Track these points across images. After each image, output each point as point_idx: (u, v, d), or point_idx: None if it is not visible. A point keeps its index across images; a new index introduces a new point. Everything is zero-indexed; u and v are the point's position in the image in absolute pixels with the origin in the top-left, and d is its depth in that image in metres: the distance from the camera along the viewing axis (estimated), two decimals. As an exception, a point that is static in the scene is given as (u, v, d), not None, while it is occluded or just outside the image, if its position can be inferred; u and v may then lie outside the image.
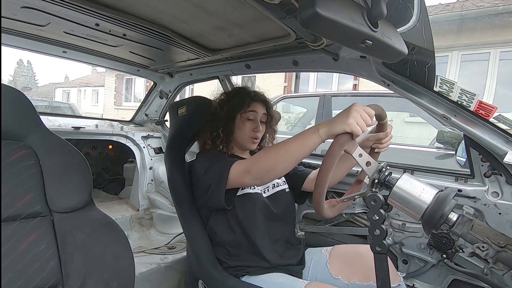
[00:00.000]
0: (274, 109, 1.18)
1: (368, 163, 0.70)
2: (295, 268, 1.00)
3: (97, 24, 1.17)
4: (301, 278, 0.95)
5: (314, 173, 1.15)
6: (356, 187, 0.98)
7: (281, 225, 1.04)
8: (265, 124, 1.12)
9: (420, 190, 0.66)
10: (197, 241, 1.00)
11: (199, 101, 1.18)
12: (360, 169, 1.16)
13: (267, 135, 1.17)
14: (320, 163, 0.69)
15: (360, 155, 0.70)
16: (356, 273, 0.92)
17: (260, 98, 1.11)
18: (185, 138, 1.15)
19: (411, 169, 1.23)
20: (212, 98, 1.18)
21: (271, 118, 1.14)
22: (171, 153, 1.13)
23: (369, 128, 0.96)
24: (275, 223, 1.02)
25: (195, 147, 1.24)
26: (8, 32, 1.31)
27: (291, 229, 1.09)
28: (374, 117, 0.84)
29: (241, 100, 1.07)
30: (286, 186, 1.11)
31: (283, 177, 1.13)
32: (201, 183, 0.96)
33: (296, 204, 1.17)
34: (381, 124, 0.89)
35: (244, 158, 1.09)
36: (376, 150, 0.94)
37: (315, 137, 0.74)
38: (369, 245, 0.79)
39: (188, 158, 1.21)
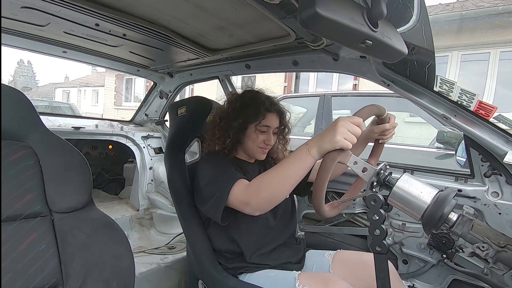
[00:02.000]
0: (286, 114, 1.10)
1: (364, 169, 0.70)
2: (293, 266, 0.99)
3: (97, 24, 1.17)
4: None
5: (318, 162, 1.11)
6: (356, 188, 0.98)
7: (280, 233, 1.03)
8: (276, 135, 1.07)
9: (420, 190, 0.66)
10: (196, 241, 1.00)
11: (198, 101, 1.17)
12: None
13: (279, 145, 1.13)
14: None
15: (355, 163, 0.70)
16: (360, 281, 0.91)
17: (275, 109, 1.04)
18: (185, 138, 1.15)
19: (411, 169, 1.24)
20: (222, 98, 1.15)
21: (284, 128, 1.09)
22: (171, 153, 1.12)
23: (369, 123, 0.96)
24: (274, 232, 1.01)
25: (195, 147, 1.24)
26: (8, 32, 1.31)
27: (291, 233, 1.08)
28: (375, 116, 0.85)
29: (256, 111, 1.00)
30: None
31: None
32: (202, 193, 0.93)
33: (297, 199, 1.15)
34: (382, 119, 0.89)
35: (248, 162, 1.08)
36: (380, 141, 0.95)
37: (308, 158, 0.73)
38: (373, 254, 0.79)
39: (188, 158, 1.21)
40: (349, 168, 0.71)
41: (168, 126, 2.40)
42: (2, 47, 1.40)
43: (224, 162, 0.99)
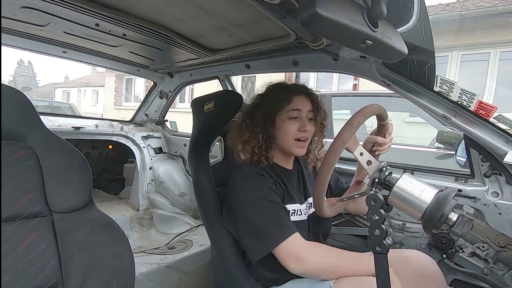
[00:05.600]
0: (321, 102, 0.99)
1: (369, 162, 0.70)
2: None
3: (97, 24, 1.17)
4: None
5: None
6: (356, 187, 0.97)
7: (314, 238, 0.97)
8: (313, 122, 0.95)
9: (420, 190, 0.66)
10: (228, 253, 0.92)
11: (228, 95, 1.11)
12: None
13: (315, 138, 0.99)
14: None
15: (361, 154, 0.70)
16: (403, 280, 0.84)
17: (303, 91, 0.94)
18: (211, 135, 1.08)
19: (411, 169, 1.23)
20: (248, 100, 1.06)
21: (319, 114, 0.95)
22: (196, 153, 1.04)
23: (370, 130, 0.95)
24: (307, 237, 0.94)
25: (217, 150, 1.16)
26: (8, 32, 1.31)
27: (323, 239, 1.03)
28: (376, 117, 0.84)
29: (279, 96, 0.92)
30: None
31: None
32: (238, 224, 0.86)
33: None
34: (382, 125, 0.87)
35: (286, 170, 0.98)
36: (376, 153, 0.91)
37: (367, 269, 0.75)
38: (415, 250, 0.77)
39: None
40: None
41: (169, 126, 2.42)
42: (2, 47, 1.40)
43: (270, 190, 0.87)
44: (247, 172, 0.91)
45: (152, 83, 2.18)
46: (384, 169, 0.71)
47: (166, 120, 2.36)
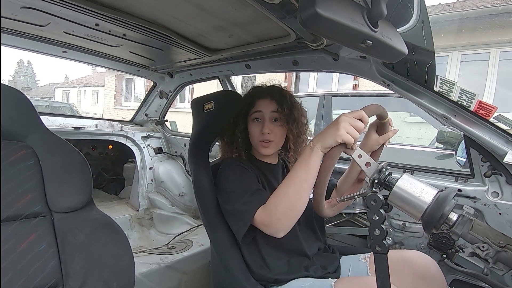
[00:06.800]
0: (297, 102, 1.02)
1: (367, 164, 0.70)
2: (331, 275, 0.92)
3: (97, 24, 1.17)
4: None
5: (340, 180, 1.05)
6: (357, 186, 0.97)
7: (310, 235, 0.98)
8: (279, 123, 0.96)
9: (420, 190, 0.66)
10: (227, 253, 0.92)
11: (228, 96, 1.11)
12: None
13: (291, 137, 0.98)
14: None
15: (360, 156, 0.70)
16: (404, 281, 0.84)
17: (265, 94, 0.97)
18: (212, 136, 1.07)
19: (411, 169, 1.23)
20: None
21: (288, 115, 0.95)
22: (196, 153, 1.03)
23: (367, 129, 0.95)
24: (304, 243, 0.95)
25: (216, 149, 1.16)
26: (8, 32, 1.31)
27: (322, 237, 1.03)
28: (376, 117, 0.84)
29: (246, 101, 0.98)
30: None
31: None
32: (225, 205, 0.88)
33: None
34: (383, 124, 0.88)
35: (270, 164, 1.02)
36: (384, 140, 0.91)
37: (315, 154, 0.71)
38: (415, 250, 0.76)
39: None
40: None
41: (169, 126, 2.42)
42: (2, 47, 1.40)
43: (247, 174, 0.91)
44: (231, 159, 0.98)
45: (152, 83, 2.18)
46: (384, 169, 0.71)
47: (166, 120, 2.36)
